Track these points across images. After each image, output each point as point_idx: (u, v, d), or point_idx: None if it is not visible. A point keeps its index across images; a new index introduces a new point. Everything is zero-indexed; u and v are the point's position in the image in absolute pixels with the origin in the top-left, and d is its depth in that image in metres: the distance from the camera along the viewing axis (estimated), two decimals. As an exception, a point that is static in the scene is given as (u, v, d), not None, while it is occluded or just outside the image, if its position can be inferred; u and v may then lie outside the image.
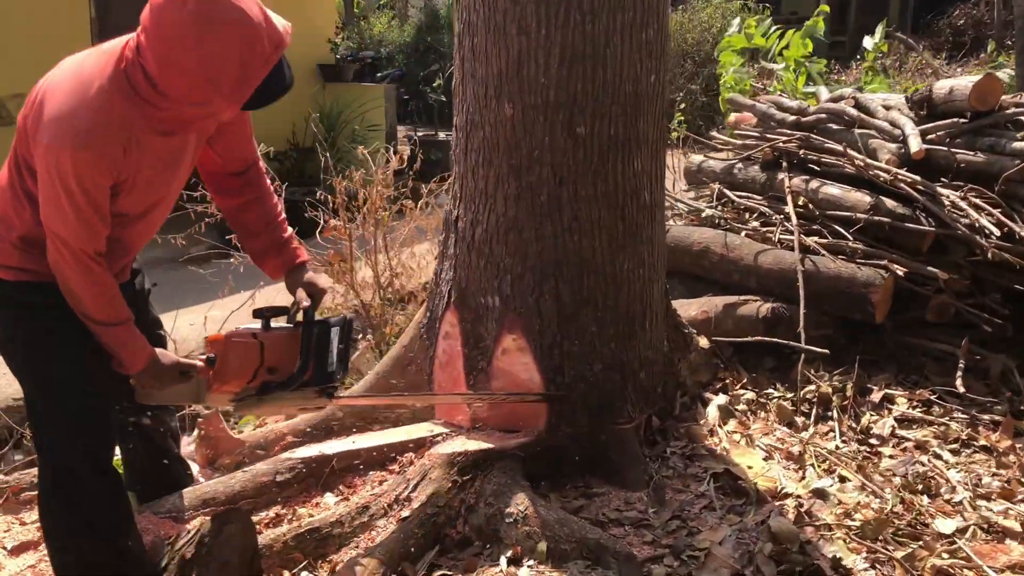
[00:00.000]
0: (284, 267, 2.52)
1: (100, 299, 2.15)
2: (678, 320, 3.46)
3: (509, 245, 2.90)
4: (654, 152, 2.99)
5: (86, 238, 2.08)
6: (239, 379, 2.32)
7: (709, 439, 3.21)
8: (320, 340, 2.37)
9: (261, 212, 2.49)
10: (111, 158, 2.01)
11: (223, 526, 2.34)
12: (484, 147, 2.91)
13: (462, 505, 2.65)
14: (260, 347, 2.33)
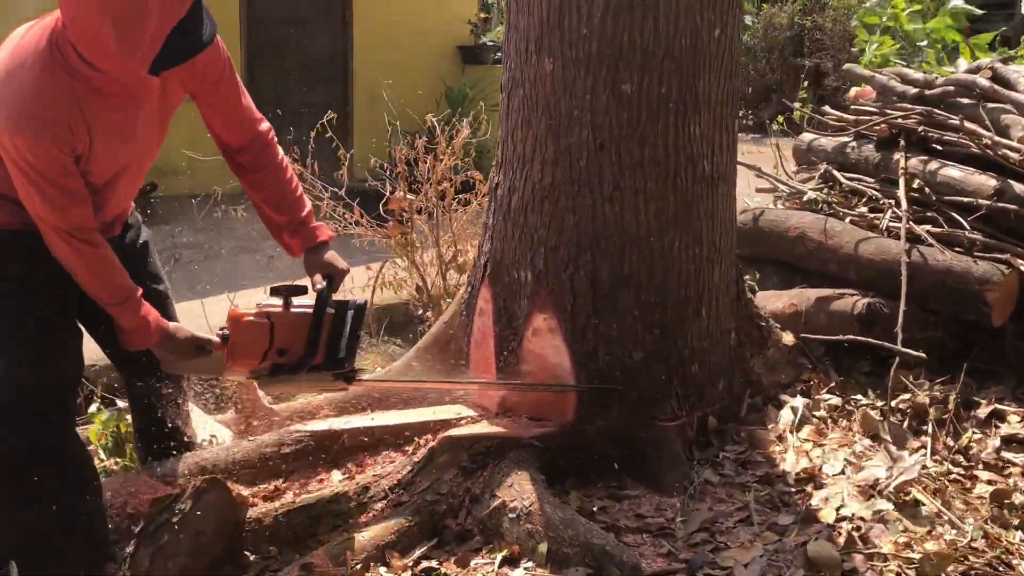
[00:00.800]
0: (303, 246, 2.43)
1: (94, 277, 2.13)
2: (754, 311, 3.08)
3: (544, 215, 2.64)
4: (718, 117, 2.65)
5: (58, 216, 2.05)
6: (250, 359, 2.26)
7: (774, 446, 2.83)
8: (335, 324, 2.28)
9: (275, 189, 2.40)
10: (56, 136, 1.96)
11: (201, 495, 2.21)
12: (524, 106, 2.66)
13: (467, 495, 2.42)
14: (271, 328, 2.25)
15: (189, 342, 2.26)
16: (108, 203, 2.22)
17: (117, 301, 2.16)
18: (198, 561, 2.18)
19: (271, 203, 2.41)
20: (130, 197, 2.34)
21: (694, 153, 2.61)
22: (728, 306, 2.89)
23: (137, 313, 2.17)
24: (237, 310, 2.31)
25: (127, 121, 2.08)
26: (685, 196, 2.62)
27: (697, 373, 2.75)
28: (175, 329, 2.27)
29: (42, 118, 1.93)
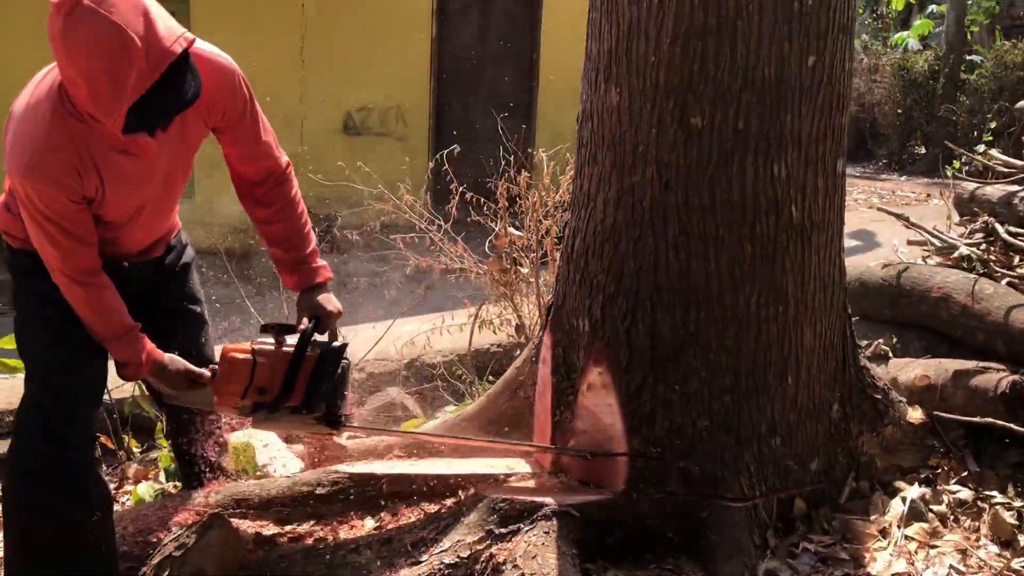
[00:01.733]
0: (300, 284, 2.39)
1: (90, 314, 2.16)
2: (869, 381, 2.66)
3: (604, 259, 2.40)
4: (811, 157, 2.31)
5: (60, 260, 2.09)
6: (231, 395, 2.23)
7: (873, 542, 2.41)
8: (318, 366, 2.22)
9: (284, 225, 2.37)
10: (64, 184, 1.98)
11: (205, 531, 2.15)
12: (591, 141, 2.44)
13: (489, 562, 2.20)
14: (252, 365, 2.21)
15: (182, 375, 2.26)
16: (130, 238, 2.26)
17: (112, 336, 2.18)
18: (195, 600, 2.11)
19: (278, 239, 2.38)
20: (159, 229, 2.35)
21: (778, 197, 2.28)
22: (829, 374, 2.51)
23: (132, 347, 2.18)
24: (228, 345, 2.28)
25: (138, 167, 2.09)
26: (764, 247, 2.30)
27: (778, 448, 2.40)
28: (169, 361, 2.26)
29: (51, 164, 1.96)
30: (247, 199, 2.35)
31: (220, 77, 2.12)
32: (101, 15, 1.77)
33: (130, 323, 2.19)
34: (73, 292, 2.12)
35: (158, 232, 2.34)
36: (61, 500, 2.16)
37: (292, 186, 2.35)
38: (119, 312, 2.18)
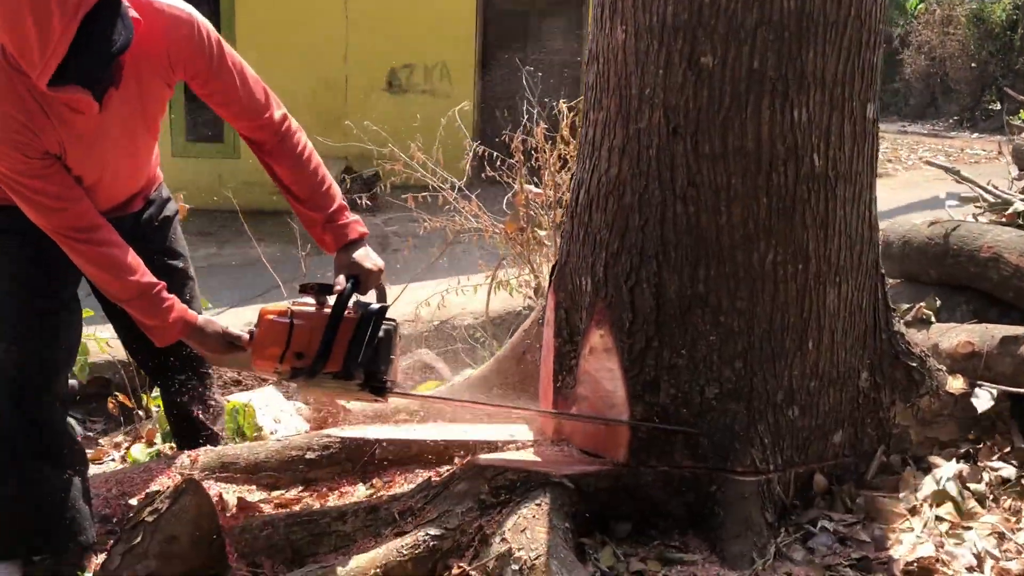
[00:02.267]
0: (336, 244, 2.25)
1: (100, 273, 2.07)
2: (903, 347, 2.44)
3: (607, 213, 2.22)
4: (836, 100, 2.09)
5: (45, 219, 2.00)
6: (268, 359, 2.12)
7: (900, 521, 2.22)
8: (358, 329, 2.07)
9: (301, 183, 2.23)
10: (19, 143, 1.89)
11: (178, 497, 2.05)
12: (597, 85, 2.26)
13: (478, 533, 2.07)
14: (289, 329, 2.09)
15: (219, 337, 2.16)
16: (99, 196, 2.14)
17: (130, 296, 2.09)
18: (168, 566, 2.02)
19: (299, 197, 2.24)
20: (131, 186, 2.25)
21: (798, 144, 2.07)
22: (857, 339, 2.31)
23: (158, 308, 2.09)
24: (265, 307, 2.16)
25: (88, 124, 1.98)
26: (781, 199, 2.09)
27: (796, 419, 2.21)
28: (204, 323, 2.17)
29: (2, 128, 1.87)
30: (260, 159, 2.23)
31: (176, 30, 1.99)
32: None
33: (147, 283, 2.07)
34: (75, 251, 2.03)
35: (130, 189, 2.23)
36: (29, 459, 2.10)
37: (296, 142, 2.21)
38: (132, 271, 2.07)
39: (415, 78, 9.05)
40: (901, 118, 13.43)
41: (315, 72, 8.73)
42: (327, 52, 8.80)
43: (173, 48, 2.00)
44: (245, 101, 2.13)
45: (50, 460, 2.12)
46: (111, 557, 2.03)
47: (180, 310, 2.14)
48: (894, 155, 9.51)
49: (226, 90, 2.10)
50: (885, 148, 10.00)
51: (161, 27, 1.94)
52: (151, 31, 1.92)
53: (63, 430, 2.19)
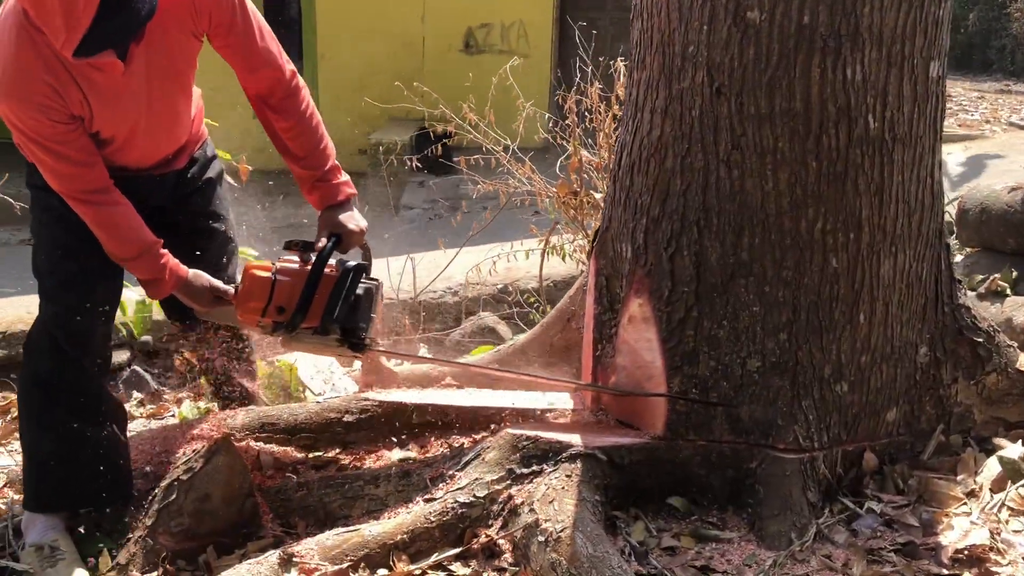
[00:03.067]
0: (323, 202, 2.27)
1: (104, 234, 2.11)
2: (967, 322, 2.30)
3: (649, 176, 2.13)
4: (894, 58, 1.96)
5: (58, 182, 2.04)
6: (251, 313, 2.19)
7: (955, 505, 2.10)
8: (337, 286, 2.12)
9: (300, 141, 2.23)
10: (41, 104, 1.90)
11: (211, 456, 2.08)
12: (641, 42, 2.16)
13: (507, 503, 2.04)
14: (271, 284, 2.15)
15: (206, 290, 2.22)
16: (134, 155, 2.17)
17: (130, 256, 2.14)
18: (201, 523, 2.06)
19: (297, 156, 2.24)
20: (170, 142, 2.25)
21: (851, 105, 1.95)
22: (915, 312, 2.18)
23: (151, 264, 2.14)
24: (250, 263, 2.24)
25: (114, 83, 1.98)
26: (834, 163, 1.97)
27: (844, 395, 2.10)
28: (193, 277, 2.22)
29: (24, 86, 1.88)
30: (261, 115, 2.21)
31: None
32: None
33: (148, 240, 2.12)
34: (83, 211, 2.07)
35: (169, 146, 2.24)
36: (67, 414, 2.16)
37: (303, 99, 2.20)
38: (135, 230, 2.11)
39: (492, 38, 8.95)
40: (1006, 76, 12.71)
41: (393, 33, 8.72)
42: (405, 12, 8.77)
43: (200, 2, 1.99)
44: (263, 54, 2.12)
45: (88, 417, 2.18)
46: (148, 513, 2.08)
47: (173, 264, 2.18)
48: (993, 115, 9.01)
49: (247, 42, 2.09)
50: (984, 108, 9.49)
51: None
52: None
53: (100, 388, 2.24)
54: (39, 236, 2.21)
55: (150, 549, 2.02)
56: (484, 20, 8.88)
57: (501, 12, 8.86)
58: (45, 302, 2.18)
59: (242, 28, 2.06)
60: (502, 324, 4.03)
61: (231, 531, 2.10)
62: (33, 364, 2.18)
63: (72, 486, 2.17)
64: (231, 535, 2.10)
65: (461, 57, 8.84)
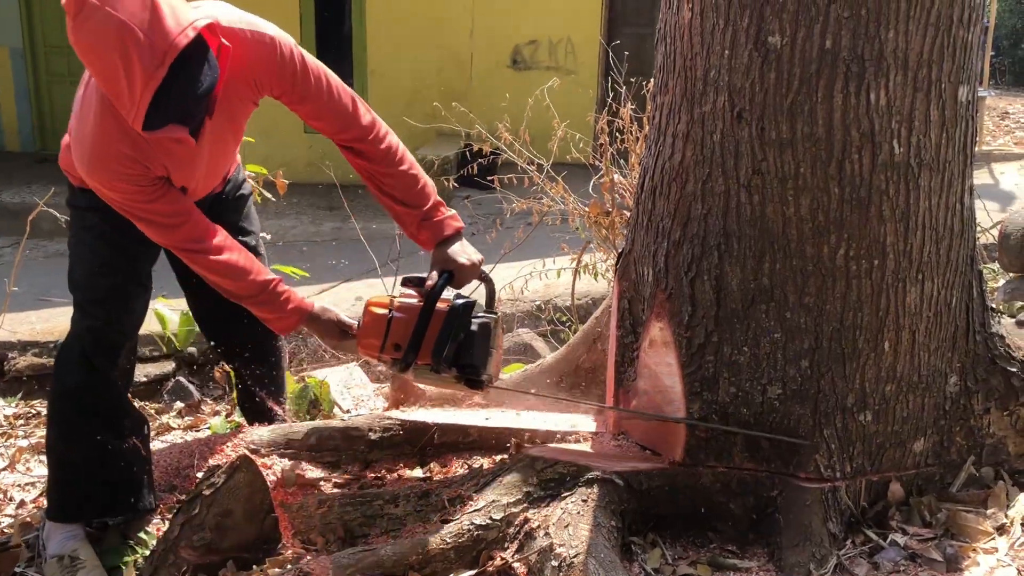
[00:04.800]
0: (431, 240, 2.29)
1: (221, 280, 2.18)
2: (1001, 350, 2.24)
3: (670, 201, 2.13)
4: (920, 82, 1.93)
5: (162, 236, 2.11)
6: (370, 349, 2.22)
7: (984, 539, 2.05)
8: (448, 322, 2.12)
9: (392, 181, 2.25)
10: (123, 173, 1.98)
11: (233, 473, 2.11)
12: (664, 67, 2.16)
13: (524, 525, 2.04)
14: (388, 321, 2.17)
15: (333, 325, 2.26)
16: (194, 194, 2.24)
17: (249, 295, 2.18)
18: (223, 538, 2.09)
19: (394, 197, 2.26)
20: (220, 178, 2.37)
21: (875, 130, 1.92)
22: (944, 340, 2.14)
23: (275, 302, 2.18)
24: (370, 298, 2.25)
25: (186, 148, 2.04)
26: (857, 188, 1.95)
27: (868, 424, 2.07)
28: (321, 311, 2.26)
29: (110, 160, 1.96)
30: (352, 163, 2.26)
31: (258, 52, 2.03)
32: (105, 12, 1.71)
33: (263, 281, 2.16)
34: (193, 261, 2.14)
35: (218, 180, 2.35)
36: (93, 426, 2.22)
37: (389, 143, 2.22)
38: (248, 272, 2.15)
39: (539, 54, 9.00)
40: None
41: (442, 48, 8.81)
42: (454, 28, 8.86)
43: (257, 71, 2.04)
44: (333, 114, 2.15)
45: (113, 429, 2.24)
46: (171, 527, 2.13)
47: (296, 301, 2.22)
48: (1048, 134, 8.78)
49: (314, 106, 2.13)
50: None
51: (245, 51, 1.98)
52: (235, 55, 1.95)
53: (123, 400, 2.29)
54: (77, 252, 2.27)
55: (172, 562, 2.06)
56: (531, 37, 8.94)
57: (548, 29, 8.92)
58: (80, 316, 2.24)
59: (305, 94, 2.10)
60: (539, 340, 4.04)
61: (252, 546, 2.13)
62: (63, 376, 2.25)
63: (94, 497, 2.23)
64: (252, 550, 2.13)
65: (509, 73, 8.91)
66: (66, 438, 2.25)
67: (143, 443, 2.29)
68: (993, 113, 10.28)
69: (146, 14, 1.72)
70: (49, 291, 5.09)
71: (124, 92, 1.76)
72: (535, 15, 8.78)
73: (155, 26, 1.72)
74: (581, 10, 8.84)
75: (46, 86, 9.48)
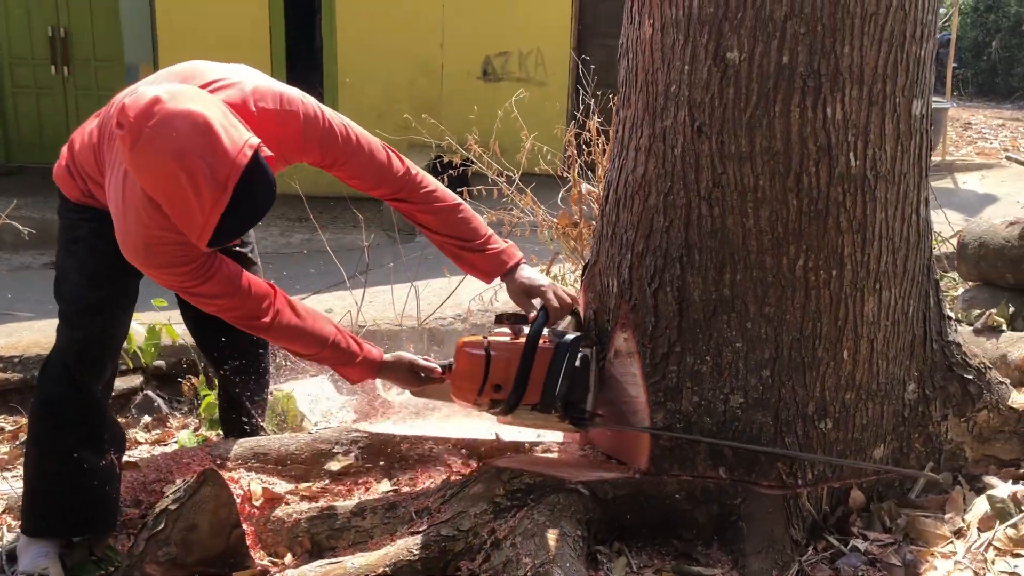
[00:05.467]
0: (493, 273, 2.29)
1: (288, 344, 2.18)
2: (958, 358, 2.29)
3: (633, 213, 2.16)
4: (875, 97, 1.97)
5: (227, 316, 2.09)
6: (467, 393, 2.14)
7: (942, 544, 2.09)
8: (555, 359, 2.05)
9: (439, 219, 2.24)
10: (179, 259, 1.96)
11: (199, 487, 2.10)
12: (627, 81, 2.19)
13: (491, 536, 2.05)
14: (486, 361, 2.10)
15: (408, 371, 2.27)
16: None
17: (314, 352, 2.18)
18: (188, 553, 2.08)
19: (441, 233, 2.26)
20: None
21: (831, 143, 1.96)
22: (902, 349, 2.18)
23: (343, 355, 2.18)
24: (463, 339, 2.19)
25: None
26: (814, 200, 1.99)
27: (829, 432, 2.10)
28: (393, 361, 2.27)
29: (160, 248, 1.94)
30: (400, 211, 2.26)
31: (287, 127, 2.03)
32: (163, 143, 1.71)
33: (325, 336, 2.15)
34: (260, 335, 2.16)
35: None
36: (72, 441, 2.19)
37: (426, 184, 2.22)
38: (309, 331, 2.14)
39: (510, 66, 9.04)
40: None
41: (413, 60, 8.82)
42: (424, 39, 8.88)
43: (289, 144, 2.04)
44: (370, 171, 2.15)
45: (92, 444, 2.22)
46: (137, 542, 2.12)
47: (365, 353, 2.22)
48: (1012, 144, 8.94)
49: (353, 170, 2.14)
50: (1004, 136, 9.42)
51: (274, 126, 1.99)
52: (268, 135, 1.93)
53: (105, 416, 2.27)
54: (65, 264, 2.24)
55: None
56: (502, 48, 8.98)
57: (519, 40, 8.95)
58: (65, 328, 2.22)
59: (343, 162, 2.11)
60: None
61: (218, 561, 2.13)
62: (45, 389, 2.22)
63: (71, 513, 2.21)
64: (218, 565, 2.13)
65: (480, 84, 8.93)
66: (43, 451, 2.22)
67: (118, 459, 2.27)
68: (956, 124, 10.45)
69: (202, 138, 1.72)
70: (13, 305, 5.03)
71: (186, 216, 1.76)
72: (506, 26, 8.82)
73: (215, 151, 1.72)
74: (551, 22, 8.89)
75: (11, 97, 9.37)
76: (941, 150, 8.46)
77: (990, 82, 13.65)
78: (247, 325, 2.10)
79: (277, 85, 2.07)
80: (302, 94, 2.08)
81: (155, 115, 1.71)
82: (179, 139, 1.71)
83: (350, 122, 2.14)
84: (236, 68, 2.07)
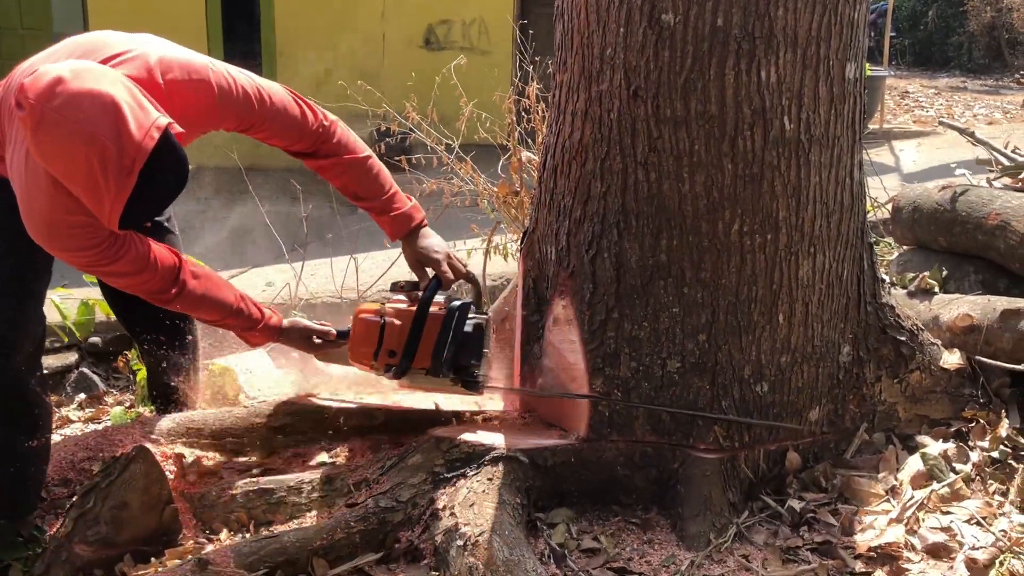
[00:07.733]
0: (397, 233, 2.29)
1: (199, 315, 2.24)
2: (891, 320, 2.32)
3: (570, 179, 2.14)
4: (809, 59, 1.97)
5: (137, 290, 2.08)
6: (363, 357, 2.21)
7: (877, 502, 2.13)
8: (444, 325, 2.11)
9: (347, 174, 2.24)
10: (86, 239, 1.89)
11: (129, 464, 2.05)
12: (563, 45, 2.16)
13: (430, 506, 2.04)
14: (380, 328, 2.16)
15: (304, 334, 2.33)
16: None
17: (218, 318, 2.20)
18: (119, 531, 2.03)
19: (353, 191, 2.26)
20: None
21: (766, 107, 1.96)
22: (836, 312, 2.20)
23: (248, 320, 2.21)
24: (360, 306, 2.25)
25: None
26: (749, 165, 1.99)
27: (765, 395, 2.12)
28: (289, 326, 2.31)
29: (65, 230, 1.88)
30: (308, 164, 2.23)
31: (199, 97, 1.97)
32: (68, 126, 1.64)
33: (228, 303, 2.16)
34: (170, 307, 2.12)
35: None
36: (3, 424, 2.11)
37: (340, 135, 2.19)
38: (215, 299, 2.15)
39: (453, 34, 8.93)
40: (963, 73, 12.87)
41: (353, 29, 8.66)
42: (366, 8, 8.72)
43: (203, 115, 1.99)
44: (288, 129, 2.12)
45: (21, 427, 2.14)
46: (65, 521, 2.05)
47: (266, 320, 2.25)
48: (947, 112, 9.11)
49: (267, 130, 2.10)
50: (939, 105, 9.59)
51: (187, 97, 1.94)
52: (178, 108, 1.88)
53: (36, 397, 2.19)
54: None
55: (66, 559, 2.00)
56: (444, 17, 8.86)
57: (461, 9, 8.84)
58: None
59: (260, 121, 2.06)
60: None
61: (151, 539, 2.08)
62: None
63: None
64: (151, 543, 2.07)
65: (422, 54, 8.81)
66: None
67: (47, 441, 2.20)
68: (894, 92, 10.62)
69: (108, 120, 1.65)
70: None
71: (95, 199, 1.71)
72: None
73: (121, 132, 1.66)
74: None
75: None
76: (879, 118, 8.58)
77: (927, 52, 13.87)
78: (155, 299, 2.09)
79: (183, 53, 2.01)
80: (210, 60, 2.03)
81: (58, 96, 1.65)
82: (85, 122, 1.65)
83: (257, 78, 2.09)
84: (140, 38, 2.00)
